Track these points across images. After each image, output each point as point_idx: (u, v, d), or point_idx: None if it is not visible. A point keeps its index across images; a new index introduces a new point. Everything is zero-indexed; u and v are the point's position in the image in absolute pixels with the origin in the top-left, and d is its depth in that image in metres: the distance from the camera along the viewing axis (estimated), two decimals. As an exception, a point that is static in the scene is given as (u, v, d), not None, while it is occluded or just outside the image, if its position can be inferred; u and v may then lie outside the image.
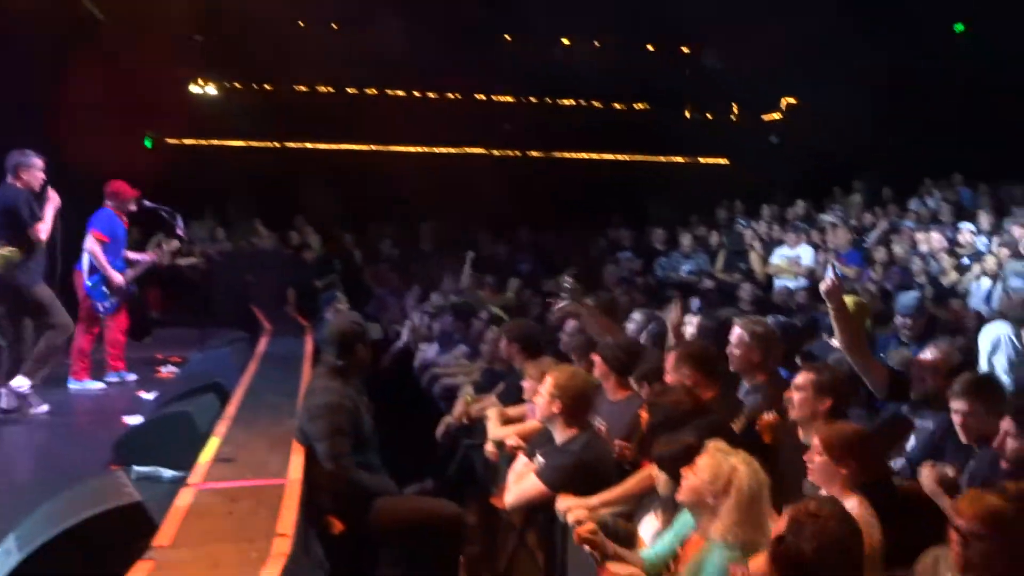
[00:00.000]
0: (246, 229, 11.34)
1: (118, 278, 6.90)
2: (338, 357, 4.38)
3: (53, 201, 6.08)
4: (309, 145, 14.08)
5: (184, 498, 3.40)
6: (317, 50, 13.37)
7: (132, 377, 7.15)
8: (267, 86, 13.75)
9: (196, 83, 13.11)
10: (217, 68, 13.04)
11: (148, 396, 6.51)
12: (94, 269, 6.82)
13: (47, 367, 6.08)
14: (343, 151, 14.14)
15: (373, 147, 14.28)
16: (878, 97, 12.17)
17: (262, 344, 7.33)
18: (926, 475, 3.35)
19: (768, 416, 3.90)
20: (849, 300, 4.50)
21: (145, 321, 8.63)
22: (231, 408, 4.97)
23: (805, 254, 9.98)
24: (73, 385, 6.83)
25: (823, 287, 4.25)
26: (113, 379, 7.05)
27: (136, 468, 4.39)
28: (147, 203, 7.18)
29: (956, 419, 3.51)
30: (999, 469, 3.15)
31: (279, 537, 3.00)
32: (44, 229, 5.95)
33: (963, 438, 3.50)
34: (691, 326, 5.61)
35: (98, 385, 6.94)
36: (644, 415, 4.08)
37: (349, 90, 14.14)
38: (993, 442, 3.28)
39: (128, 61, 9.59)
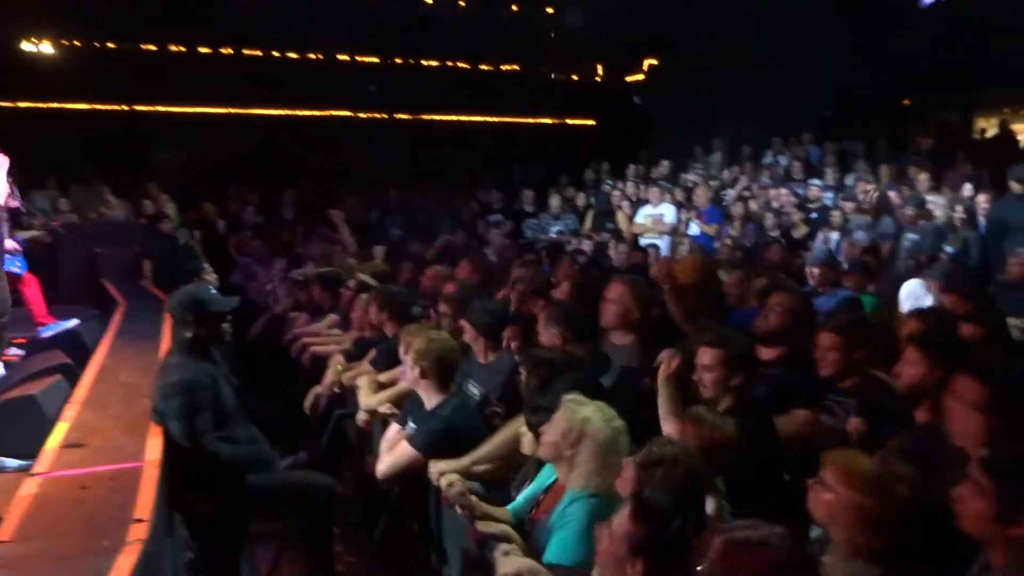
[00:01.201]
0: (93, 198, 10.61)
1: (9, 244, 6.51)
2: (184, 330, 4.18)
3: (2, 164, 5.49)
4: (161, 108, 13.25)
5: (28, 488, 3.18)
6: (166, 5, 12.62)
7: (-31, 361, 6.61)
8: (110, 44, 12.81)
9: (28, 40, 12.08)
10: (52, 24, 12.06)
11: (-12, 381, 6.03)
12: None
13: None
14: (198, 114, 13.40)
15: (231, 110, 13.60)
16: (734, 56, 12.65)
17: (116, 320, 6.92)
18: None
19: None
20: (694, 259, 4.69)
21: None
22: (81, 390, 4.67)
23: (668, 212, 10.30)
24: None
25: (654, 273, 4.44)
26: (47, 332, 6.56)
27: (-26, 459, 4.07)
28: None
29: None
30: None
31: (135, 523, 2.85)
32: (1, 194, 5.38)
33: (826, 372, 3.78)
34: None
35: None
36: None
37: (202, 49, 13.39)
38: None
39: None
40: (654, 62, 16.51)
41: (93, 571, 2.51)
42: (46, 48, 12.26)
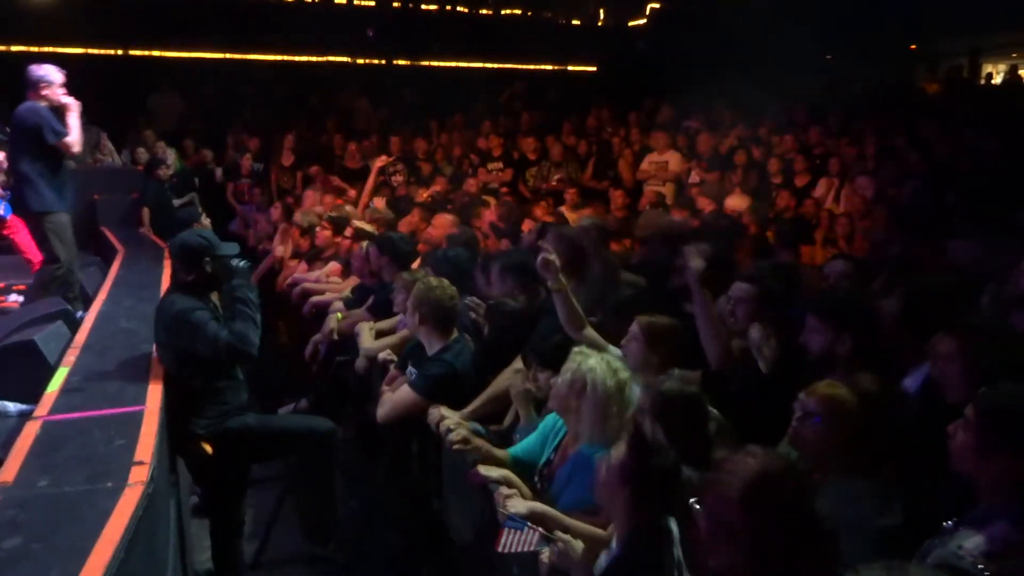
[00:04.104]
0: (90, 145, 10.50)
1: None
2: (187, 272, 4.16)
3: (74, 108, 5.81)
4: (156, 52, 13.04)
5: (29, 432, 3.19)
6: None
7: (-30, 308, 6.62)
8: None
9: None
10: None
11: (-11, 328, 6.05)
12: None
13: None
14: (195, 59, 13.20)
15: (227, 54, 13.39)
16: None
17: (115, 267, 6.91)
18: None
19: None
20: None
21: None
22: (81, 336, 4.67)
23: (672, 159, 10.20)
24: None
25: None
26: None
27: (-24, 404, 4.09)
28: (-32, 118, 6.52)
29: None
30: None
31: (137, 466, 2.87)
32: (75, 141, 5.74)
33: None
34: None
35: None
36: None
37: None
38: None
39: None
40: (656, 6, 16.20)
41: (96, 512, 2.53)
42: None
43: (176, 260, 4.26)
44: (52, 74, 5.80)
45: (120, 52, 12.86)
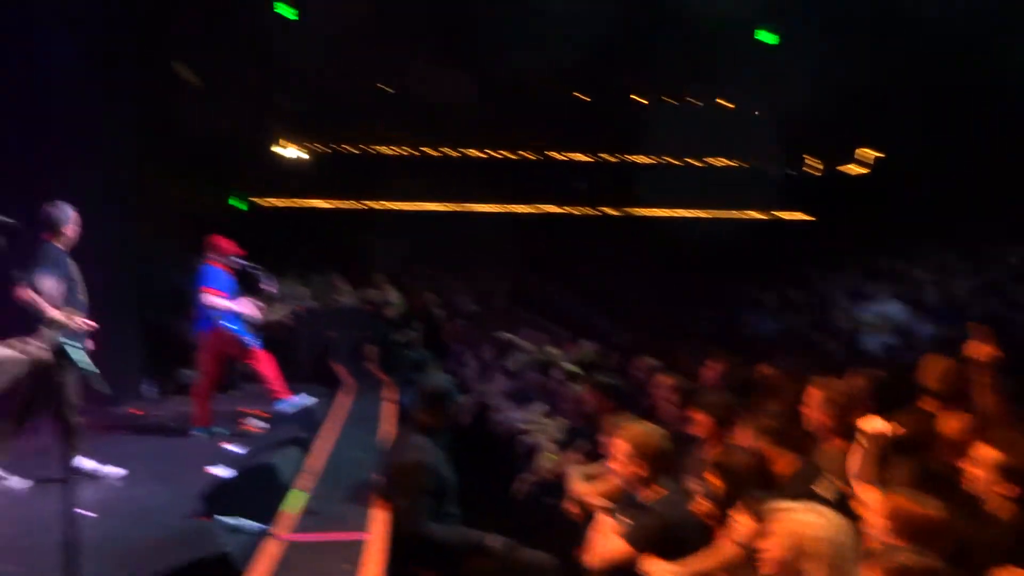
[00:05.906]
0: (328, 286, 11.57)
1: (253, 311, 7.16)
2: (429, 414, 4.40)
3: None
4: (391, 205, 14.43)
5: (268, 551, 3.41)
6: (395, 113, 13.85)
7: (220, 430, 7.29)
8: (348, 147, 14.22)
9: (279, 144, 13.64)
10: (300, 131, 13.58)
11: (235, 448, 6.61)
12: (229, 317, 7.08)
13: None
14: (422, 211, 14.45)
15: (450, 205, 14.56)
16: (959, 149, 11.79)
17: (343, 400, 7.40)
18: None
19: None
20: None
21: (231, 375, 8.81)
22: (314, 462, 5.00)
23: (893, 309, 9.65)
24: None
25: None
26: (285, 407, 7.00)
27: (222, 519, 4.42)
28: (239, 261, 7.40)
29: None
30: None
31: (364, 591, 2.97)
32: (40, 291, 5.20)
33: None
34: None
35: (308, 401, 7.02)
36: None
37: (428, 151, 14.51)
38: None
39: (216, 124, 10.03)
40: (880, 155, 15.80)
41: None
42: (292, 152, 13.78)
43: (424, 401, 4.52)
44: (70, 211, 5.43)
45: (359, 204, 14.34)
